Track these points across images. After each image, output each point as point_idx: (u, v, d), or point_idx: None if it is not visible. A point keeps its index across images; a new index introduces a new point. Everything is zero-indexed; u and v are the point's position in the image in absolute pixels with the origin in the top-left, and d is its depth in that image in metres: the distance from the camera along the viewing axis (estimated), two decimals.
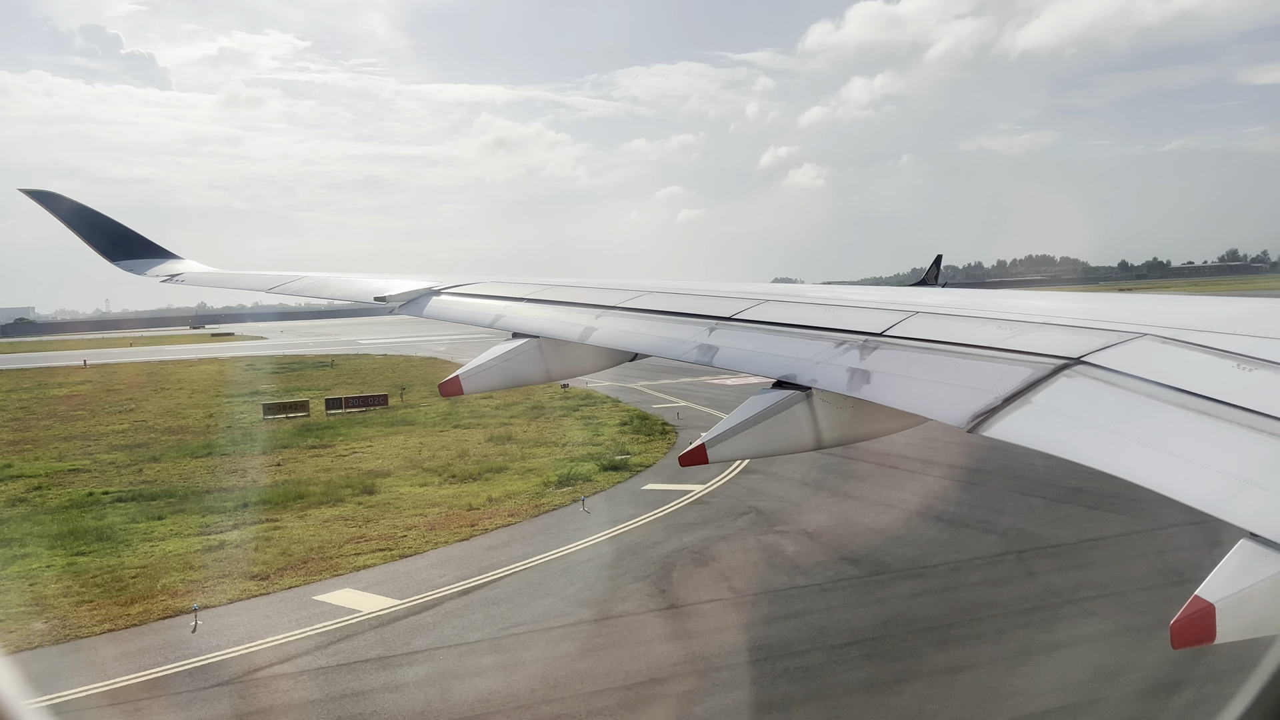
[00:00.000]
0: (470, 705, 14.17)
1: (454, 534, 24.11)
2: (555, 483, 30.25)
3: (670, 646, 15.93)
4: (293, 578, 20.78)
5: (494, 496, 28.57)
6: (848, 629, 16.49)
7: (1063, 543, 21.42)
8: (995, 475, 28.60)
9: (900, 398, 5.06)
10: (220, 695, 14.88)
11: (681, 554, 21.35)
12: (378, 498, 29.43)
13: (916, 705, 13.71)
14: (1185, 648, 2.97)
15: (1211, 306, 5.37)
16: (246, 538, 24.74)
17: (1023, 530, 22.58)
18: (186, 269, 15.75)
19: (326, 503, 28.90)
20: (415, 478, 32.51)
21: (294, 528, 25.86)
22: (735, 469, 31.46)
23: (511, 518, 25.91)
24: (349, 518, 26.82)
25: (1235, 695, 4.17)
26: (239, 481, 33.70)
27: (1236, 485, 3.29)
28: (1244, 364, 3.96)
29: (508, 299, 9.69)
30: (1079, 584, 18.48)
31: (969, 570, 19.66)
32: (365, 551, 22.70)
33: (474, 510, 26.97)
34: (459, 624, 17.38)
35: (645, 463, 33.50)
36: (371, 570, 21.20)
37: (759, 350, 6.42)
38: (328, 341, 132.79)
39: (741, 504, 26.33)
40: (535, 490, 29.32)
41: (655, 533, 23.43)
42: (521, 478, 31.53)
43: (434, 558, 22.11)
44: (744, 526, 23.78)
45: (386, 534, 24.49)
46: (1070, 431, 3.99)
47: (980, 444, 32.57)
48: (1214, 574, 3.01)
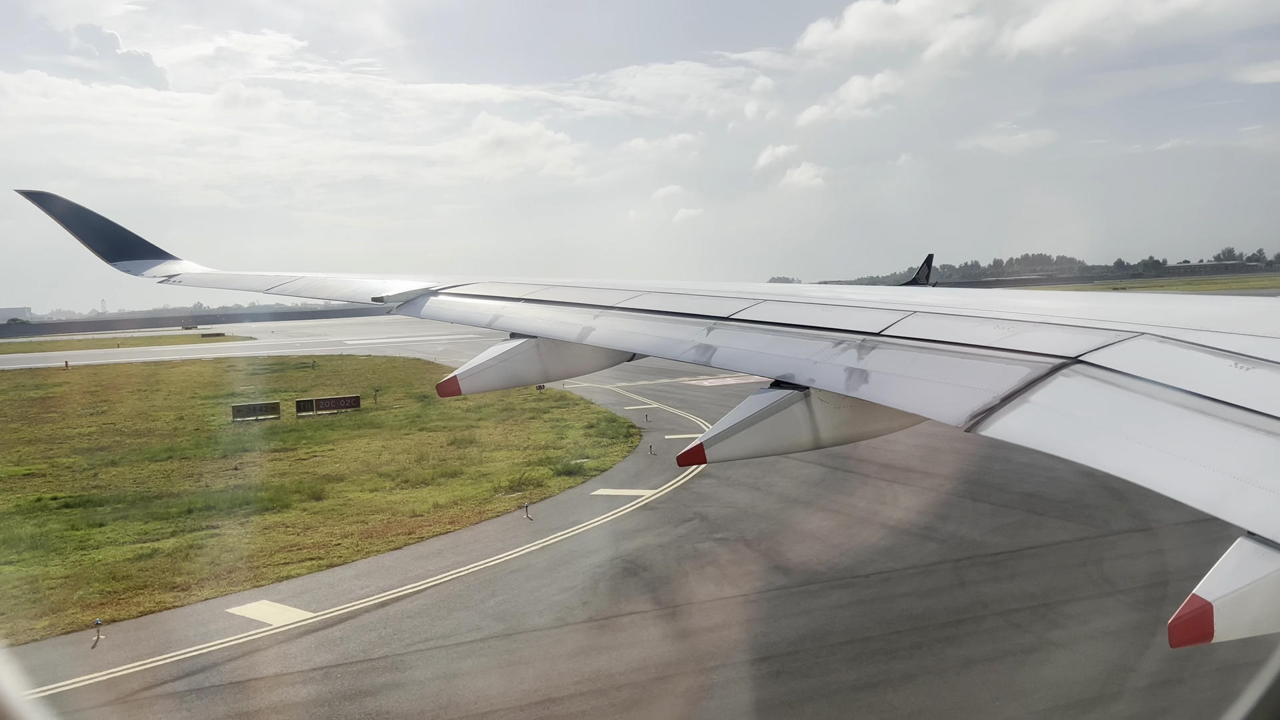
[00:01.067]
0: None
1: (389, 542, 23.66)
2: (506, 488, 29.80)
3: (575, 664, 15.48)
4: (213, 589, 20.34)
5: (440, 502, 28.12)
6: (763, 644, 16.03)
7: (1002, 550, 20.96)
8: (948, 480, 28.14)
9: (898, 397, 5.05)
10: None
11: (613, 564, 20.91)
12: (325, 504, 28.98)
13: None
14: (1183, 646, 2.97)
15: (1209, 306, 5.40)
16: (181, 546, 24.29)
17: (965, 538, 22.11)
18: (183, 269, 15.76)
19: (272, 509, 28.44)
20: (368, 482, 32.06)
21: (232, 535, 25.43)
22: (690, 473, 31.03)
23: (452, 525, 25.46)
24: (290, 525, 26.37)
25: (1238, 695, 4.18)
26: (191, 487, 33.23)
27: (1234, 484, 3.31)
28: (1242, 363, 3.95)
29: (505, 299, 9.70)
30: (1009, 595, 18.02)
31: (900, 580, 19.20)
32: (295, 561, 22.25)
33: (416, 517, 26.52)
34: (366, 639, 16.92)
35: (602, 467, 33.04)
36: (295, 581, 20.75)
37: (757, 350, 6.42)
38: (316, 342, 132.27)
39: (688, 510, 25.88)
40: (484, 496, 28.87)
41: (593, 541, 22.99)
42: (474, 483, 31.08)
43: (362, 567, 21.65)
44: (685, 534, 23.33)
45: (322, 542, 24.04)
46: (1068, 431, 4.00)
47: (946, 447, 32.18)
48: (1212, 573, 3.03)
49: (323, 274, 13.92)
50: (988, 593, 18.23)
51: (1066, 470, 28.93)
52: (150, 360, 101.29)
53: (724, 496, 27.48)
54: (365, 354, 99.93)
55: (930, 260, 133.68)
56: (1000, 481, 27.71)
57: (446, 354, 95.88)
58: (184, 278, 15.37)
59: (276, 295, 13.68)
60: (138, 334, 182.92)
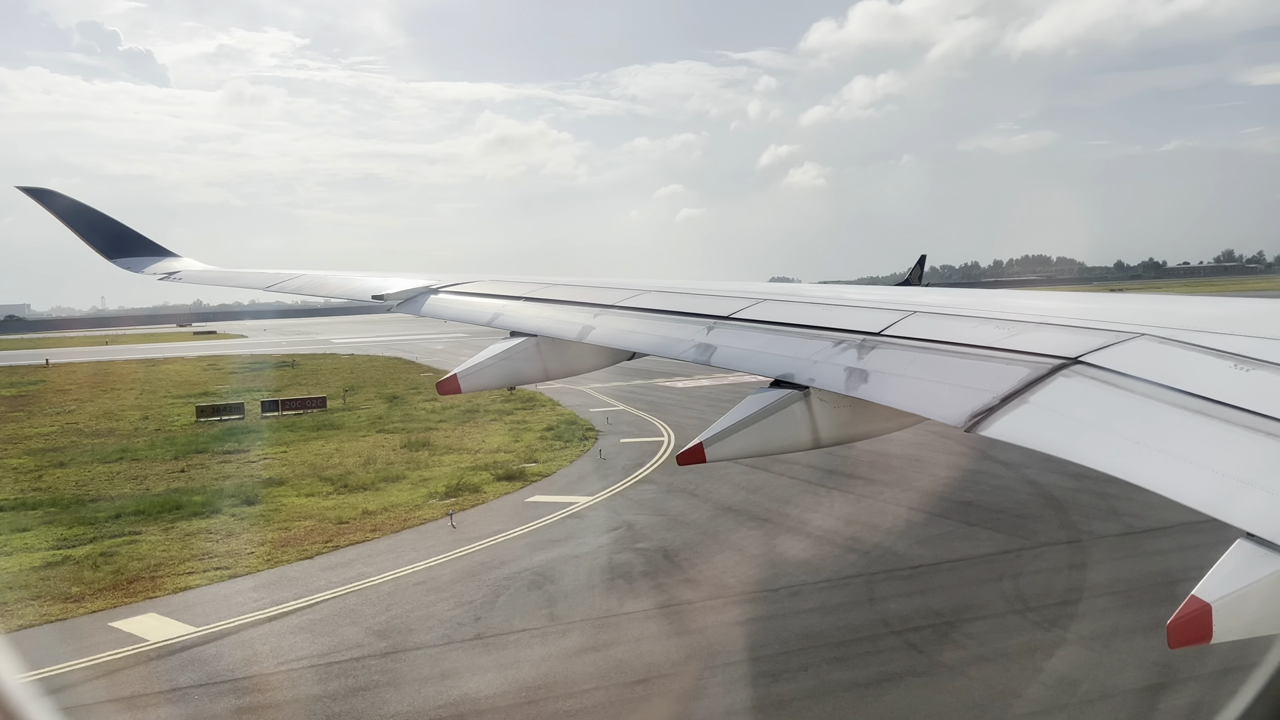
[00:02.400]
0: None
1: (303, 551, 23.09)
2: (441, 494, 29.23)
3: (441, 687, 14.88)
4: (107, 600, 19.78)
5: (370, 509, 27.56)
6: (647, 664, 15.42)
7: (922, 564, 20.32)
8: (889, 488, 27.51)
9: (898, 397, 5.04)
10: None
11: (522, 575, 20.30)
12: (255, 509, 28.43)
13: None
14: (1181, 647, 2.95)
15: (1209, 307, 5.40)
16: (95, 553, 23.73)
17: (888, 550, 21.49)
18: (184, 267, 15.77)
19: (201, 514, 27.92)
20: (307, 487, 31.50)
21: (151, 542, 24.86)
22: (633, 478, 30.45)
23: (373, 533, 24.89)
24: (213, 531, 25.83)
25: (1236, 694, 4.05)
26: (131, 490, 32.68)
27: (1234, 485, 3.29)
28: (1241, 364, 3.94)
29: (506, 297, 9.67)
30: (915, 612, 17.39)
31: (809, 595, 18.57)
32: (201, 570, 21.69)
33: (341, 524, 25.96)
34: (240, 656, 16.35)
35: (546, 471, 32.47)
36: (193, 592, 20.18)
37: (757, 349, 6.41)
38: (304, 341, 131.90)
39: (618, 518, 25.29)
40: (416, 502, 28.30)
41: (510, 551, 22.39)
42: (413, 488, 30.51)
43: (266, 578, 21.08)
44: (605, 544, 22.73)
45: (237, 550, 23.49)
46: (1068, 431, 3.99)
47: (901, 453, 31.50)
48: (1211, 574, 2.98)
49: (323, 272, 13.90)
50: (893, 609, 17.59)
51: (1012, 479, 28.32)
52: (134, 358, 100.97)
53: (659, 503, 26.89)
54: (349, 353, 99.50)
55: (923, 261, 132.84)
56: (941, 489, 27.08)
57: (444, 353, 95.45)
58: (184, 275, 15.39)
59: (276, 293, 13.63)
60: (131, 331, 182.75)
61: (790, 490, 27.82)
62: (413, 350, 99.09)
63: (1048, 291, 8.26)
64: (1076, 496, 25.64)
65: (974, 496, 26.15)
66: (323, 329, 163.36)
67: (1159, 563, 19.79)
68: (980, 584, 18.86)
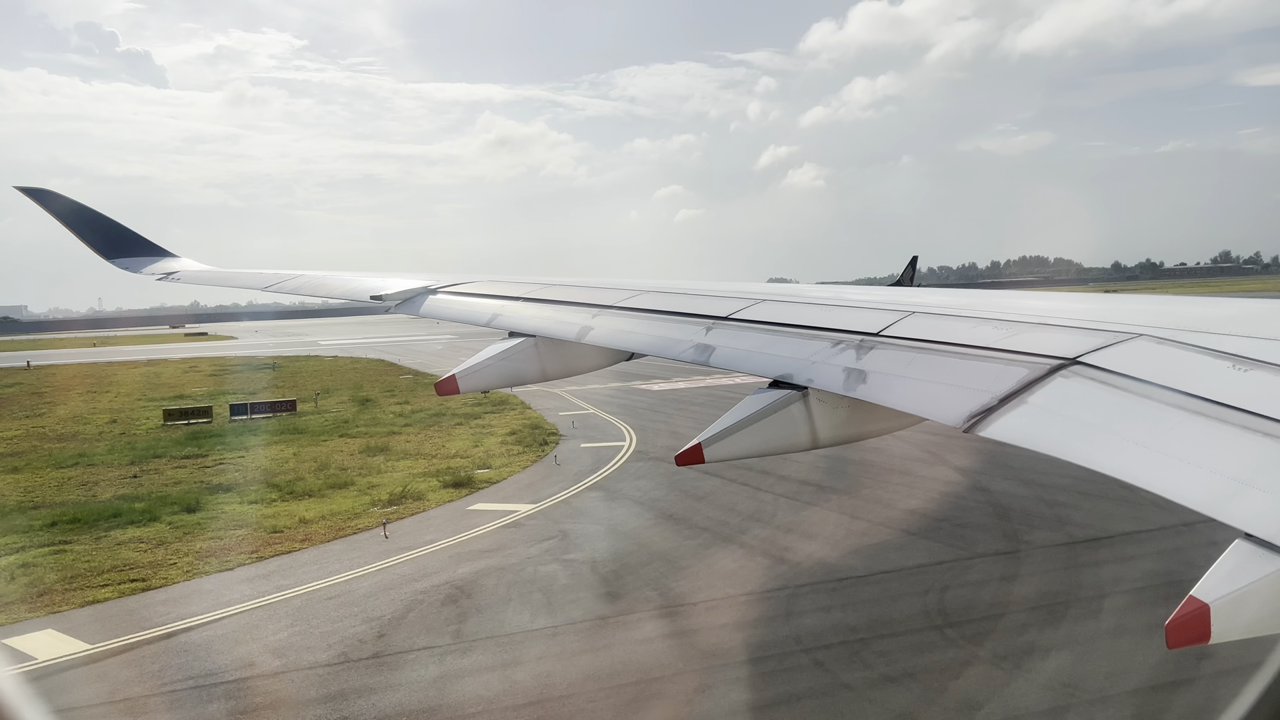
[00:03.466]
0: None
1: (226, 562, 22.57)
2: (384, 501, 28.70)
3: (328, 709, 14.33)
4: (10, 615, 19.26)
5: (308, 517, 27.03)
6: (542, 685, 14.87)
7: (850, 575, 19.78)
8: (837, 494, 26.97)
9: (896, 398, 5.01)
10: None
11: (440, 589, 19.77)
12: (194, 517, 27.91)
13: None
14: (1180, 648, 2.93)
15: (1207, 307, 5.36)
16: (15, 564, 23.21)
17: (820, 561, 20.95)
18: (182, 267, 15.75)
19: (138, 522, 27.39)
20: (254, 493, 30.98)
21: (77, 552, 24.32)
22: (581, 485, 29.94)
23: (304, 542, 24.37)
24: (144, 540, 25.29)
25: (1237, 696, 3.98)
26: (77, 496, 32.17)
27: (1232, 486, 3.28)
28: (1239, 364, 3.92)
29: (504, 298, 9.63)
30: (829, 629, 16.85)
31: (725, 610, 18.04)
32: (116, 583, 21.16)
33: (275, 533, 25.44)
34: (124, 676, 15.81)
35: (496, 478, 31.94)
36: (100, 606, 19.65)
37: (755, 350, 6.39)
38: (294, 342, 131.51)
39: (555, 527, 24.76)
40: (357, 510, 27.77)
41: (435, 562, 21.86)
42: (358, 495, 29.98)
43: (180, 591, 20.55)
44: (535, 555, 22.20)
45: (160, 561, 22.96)
46: (1066, 432, 3.97)
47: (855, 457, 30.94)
48: (1209, 574, 2.98)
49: (321, 272, 13.80)
50: (809, 625, 17.04)
51: (963, 485, 27.77)
52: (117, 360, 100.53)
53: (601, 512, 26.37)
54: (333, 355, 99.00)
55: (915, 262, 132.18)
56: (890, 496, 26.54)
57: (434, 354, 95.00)
58: (182, 275, 15.35)
59: (274, 293, 13.54)
60: (122, 333, 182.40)
61: (737, 497, 27.28)
62: (403, 352, 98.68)
63: (1046, 292, 8.19)
64: (1025, 504, 25.10)
65: (920, 504, 25.61)
66: (316, 330, 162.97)
67: (1091, 575, 19.25)
68: (905, 598, 18.31)
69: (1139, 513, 23.63)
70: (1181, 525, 22.38)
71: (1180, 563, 19.67)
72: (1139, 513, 23.63)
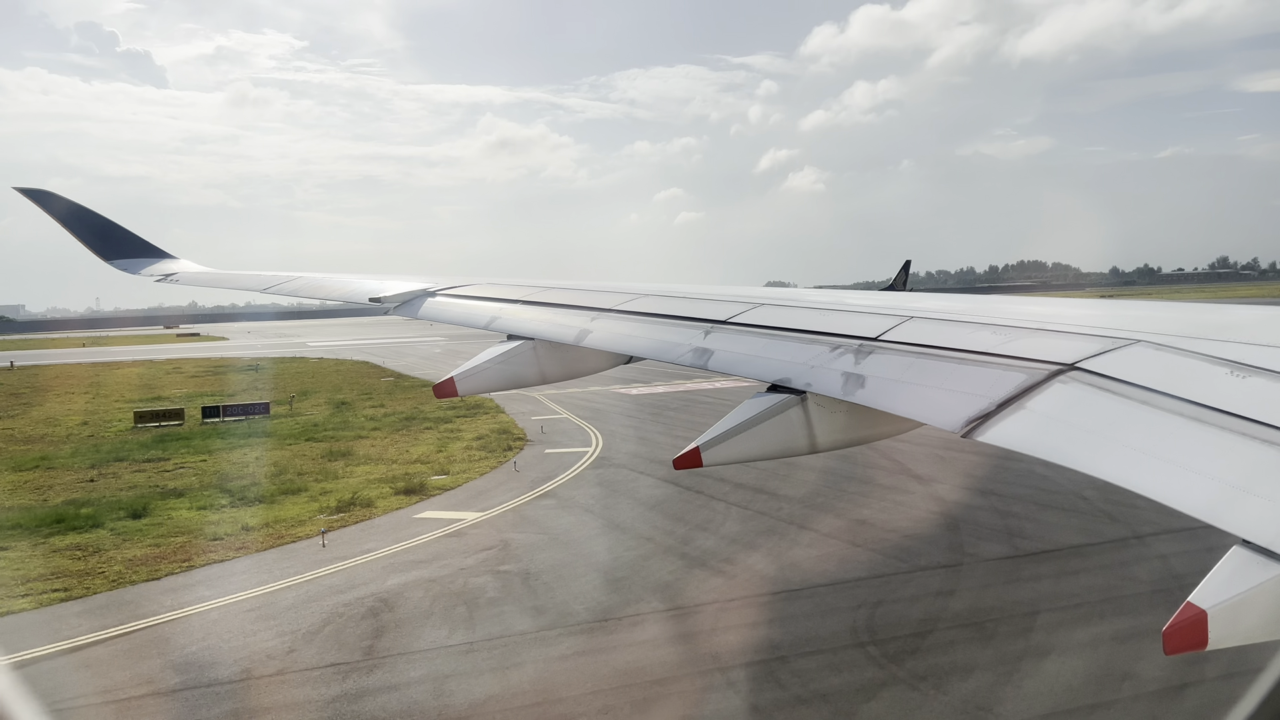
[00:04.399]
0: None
1: (155, 570, 22.10)
2: (332, 509, 28.23)
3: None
4: None
5: (251, 524, 26.57)
6: (441, 706, 14.37)
7: (787, 589, 19.30)
8: (790, 503, 26.48)
9: (894, 403, 5.00)
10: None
11: (364, 602, 19.28)
12: (139, 523, 27.42)
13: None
14: (1177, 654, 2.93)
15: (1205, 313, 5.34)
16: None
17: (759, 573, 20.46)
18: (181, 268, 15.74)
19: (80, 528, 26.91)
20: (205, 499, 30.51)
21: (9, 560, 23.85)
22: (534, 492, 29.46)
23: (239, 551, 23.91)
24: (82, 547, 24.82)
25: (1239, 700, 3.95)
26: (29, 500, 31.70)
27: (1229, 492, 3.27)
28: (1238, 371, 3.92)
29: (503, 300, 9.60)
30: (754, 645, 16.37)
31: (649, 625, 17.54)
32: (39, 592, 20.66)
33: (215, 541, 24.98)
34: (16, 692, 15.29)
35: (452, 485, 31.46)
36: (17, 616, 19.08)
37: (754, 354, 6.36)
38: (283, 343, 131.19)
39: (497, 536, 24.29)
40: (302, 517, 27.30)
41: (367, 573, 21.38)
42: (308, 502, 29.51)
43: (101, 601, 20.06)
44: (470, 565, 21.72)
45: (90, 569, 22.48)
46: (1064, 437, 3.97)
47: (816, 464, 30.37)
48: (1206, 581, 3.01)
49: (320, 274, 13.78)
50: (731, 642, 16.56)
51: (918, 495, 27.29)
52: (103, 361, 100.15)
53: (548, 521, 25.88)
54: (319, 357, 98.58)
55: (907, 266, 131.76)
56: (845, 505, 26.06)
57: (432, 357, 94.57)
58: (181, 276, 15.33)
59: (273, 295, 13.50)
60: (115, 333, 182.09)
61: (690, 506, 26.82)
62: (394, 354, 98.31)
63: (1044, 297, 8.14)
64: (975, 514, 24.63)
65: (871, 514, 25.12)
66: (311, 332, 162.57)
67: (1029, 590, 18.74)
68: (835, 613, 17.82)
69: (1090, 524, 23.15)
70: (1131, 538, 21.90)
71: (1122, 577, 19.18)
72: (1090, 524, 23.15)
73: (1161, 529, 22.38)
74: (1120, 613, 17.34)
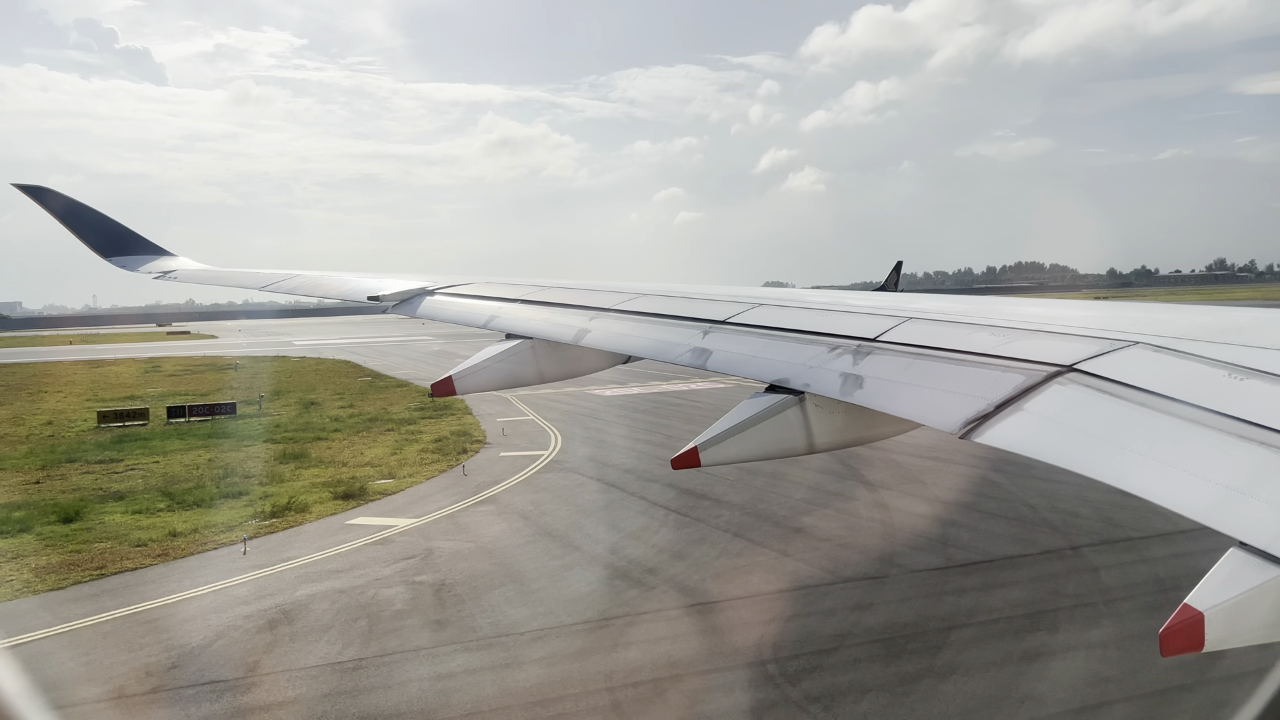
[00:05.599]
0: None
1: (63, 579, 21.50)
2: (268, 513, 27.63)
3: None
4: None
5: (180, 530, 25.99)
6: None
7: (703, 601, 18.68)
8: (730, 509, 25.87)
9: (893, 403, 4.99)
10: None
11: (266, 614, 18.68)
12: (69, 527, 26.84)
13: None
14: (1174, 655, 2.93)
15: (1204, 316, 5.31)
16: None
17: (680, 584, 19.84)
18: (179, 266, 15.76)
19: (7, 533, 26.36)
20: (144, 502, 29.93)
21: None
22: (478, 498, 28.86)
23: (159, 558, 23.32)
24: (3, 553, 24.24)
25: (1242, 703, 3.64)
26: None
27: (1227, 494, 3.27)
28: (1236, 373, 3.96)
29: (502, 300, 9.58)
30: (652, 663, 15.74)
31: (551, 641, 16.93)
32: None
33: (138, 547, 24.39)
34: None
35: (394, 489, 30.88)
36: None
37: (753, 354, 6.34)
38: (271, 342, 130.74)
39: (422, 545, 23.68)
40: (234, 522, 26.70)
41: (279, 583, 20.78)
42: (245, 506, 28.93)
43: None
44: (386, 575, 21.12)
45: (1, 578, 21.90)
46: (1062, 439, 3.99)
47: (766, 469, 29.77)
48: (1203, 582, 2.98)
49: (319, 272, 13.78)
50: (629, 660, 15.94)
51: (861, 504, 26.67)
52: (85, 359, 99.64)
53: (480, 528, 25.28)
54: (300, 355, 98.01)
55: (899, 267, 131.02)
56: (784, 513, 25.44)
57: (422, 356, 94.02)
58: (179, 274, 15.36)
59: (271, 293, 13.50)
60: (107, 330, 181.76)
61: (630, 513, 26.23)
62: (382, 353, 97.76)
63: (1042, 298, 8.12)
64: (916, 524, 24.01)
65: (812, 522, 24.51)
66: (304, 330, 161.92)
67: (950, 605, 18.11)
68: (745, 628, 17.21)
69: (1029, 534, 22.54)
70: (1067, 549, 21.28)
71: (1048, 591, 18.55)
72: (1029, 534, 22.54)
73: (1100, 539, 21.77)
74: (1037, 629, 16.71)
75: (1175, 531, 21.27)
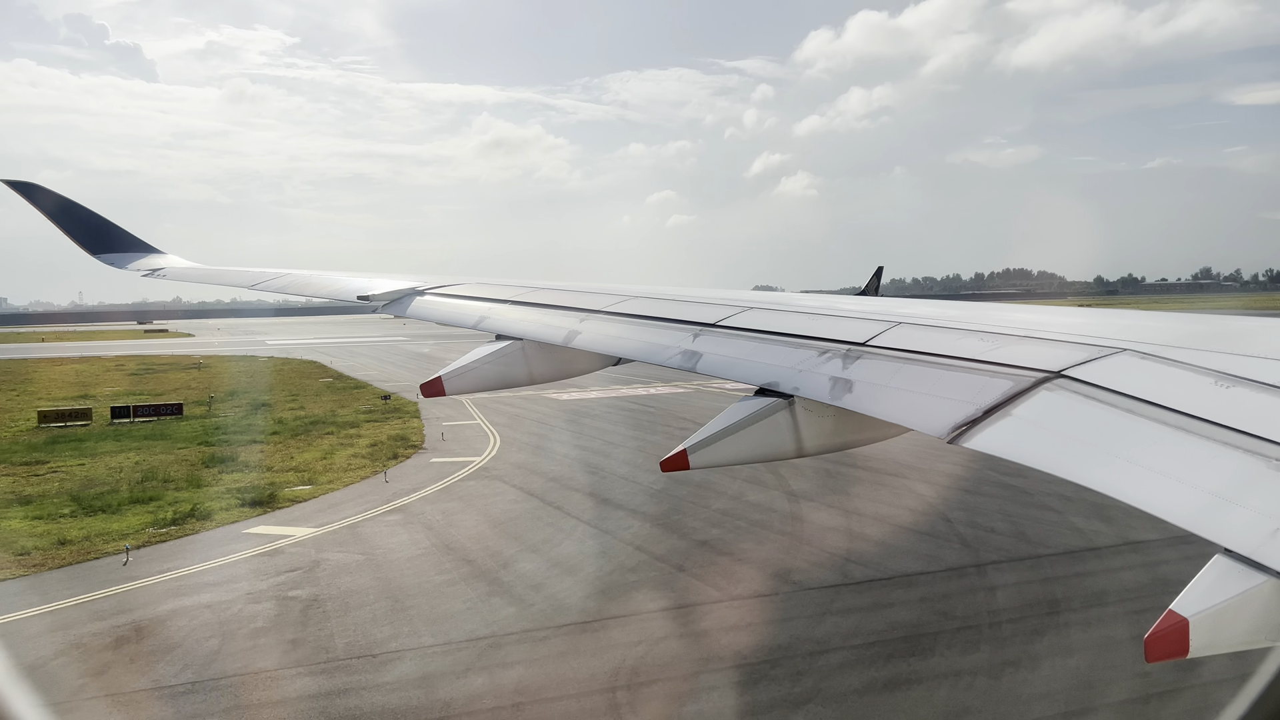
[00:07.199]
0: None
1: None
2: (169, 520, 26.74)
3: None
4: None
5: (72, 537, 25.10)
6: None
7: (580, 620, 17.84)
8: (641, 519, 25.04)
9: (881, 408, 5.06)
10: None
11: (117, 631, 17.81)
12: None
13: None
14: (1158, 661, 2.94)
15: (1190, 323, 5.48)
16: None
17: (562, 604, 19.00)
18: (168, 264, 15.74)
19: None
20: (51, 507, 29.00)
21: None
22: (389, 507, 28.01)
23: (36, 568, 22.44)
24: None
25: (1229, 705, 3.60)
26: None
27: (1212, 501, 3.30)
28: (1222, 381, 3.99)
29: (493, 300, 9.57)
30: (515, 687, 14.92)
31: (411, 661, 16.08)
32: None
33: (19, 556, 23.49)
34: None
35: (309, 496, 29.99)
36: None
37: (742, 357, 6.36)
38: (245, 341, 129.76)
39: (313, 556, 22.83)
40: (129, 530, 25.80)
41: (145, 597, 19.91)
42: (150, 513, 28.00)
43: None
44: (260, 590, 20.26)
45: None
46: (1049, 445, 4.01)
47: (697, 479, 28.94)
48: (1188, 589, 3.00)
49: (309, 271, 13.79)
50: (492, 683, 15.09)
51: (778, 516, 25.89)
52: (49, 357, 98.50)
53: (379, 539, 24.41)
54: (268, 355, 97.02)
55: (880, 272, 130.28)
56: (696, 524, 24.63)
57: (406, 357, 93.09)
58: (168, 272, 15.35)
59: (260, 292, 13.44)
60: (86, 328, 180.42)
61: (539, 524, 25.40)
62: (361, 354, 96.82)
63: (1031, 305, 7.94)
64: (824, 536, 23.22)
65: (720, 534, 23.70)
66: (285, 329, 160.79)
67: (831, 626, 17.31)
68: (611, 650, 16.38)
69: (937, 551, 21.77)
70: (970, 566, 20.52)
71: (935, 612, 17.76)
72: (937, 551, 21.77)
73: (1009, 555, 21.02)
74: (914, 653, 15.92)
75: (1086, 549, 20.52)
